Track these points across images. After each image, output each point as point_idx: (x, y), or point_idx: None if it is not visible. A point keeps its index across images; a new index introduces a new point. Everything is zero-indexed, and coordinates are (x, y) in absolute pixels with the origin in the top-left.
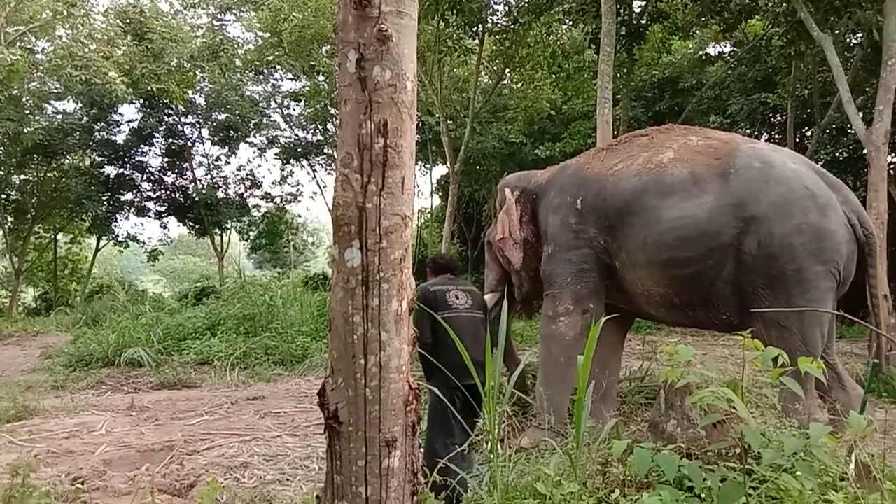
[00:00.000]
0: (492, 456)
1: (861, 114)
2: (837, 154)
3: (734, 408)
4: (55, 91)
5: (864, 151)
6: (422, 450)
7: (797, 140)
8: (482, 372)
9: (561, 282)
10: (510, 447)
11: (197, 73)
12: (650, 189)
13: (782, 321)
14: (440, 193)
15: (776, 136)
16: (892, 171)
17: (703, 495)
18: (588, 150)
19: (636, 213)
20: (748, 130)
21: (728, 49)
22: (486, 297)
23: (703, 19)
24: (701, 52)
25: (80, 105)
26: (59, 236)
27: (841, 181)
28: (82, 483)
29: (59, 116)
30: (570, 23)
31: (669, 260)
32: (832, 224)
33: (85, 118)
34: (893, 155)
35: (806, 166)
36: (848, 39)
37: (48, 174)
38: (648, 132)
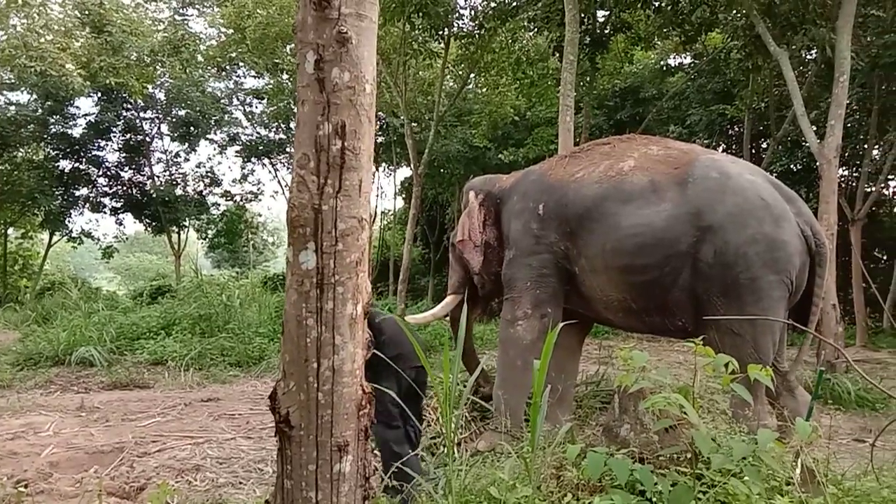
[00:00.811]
0: (448, 459)
1: (814, 127)
2: (792, 166)
3: (686, 413)
4: (8, 81)
5: (817, 164)
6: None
7: (753, 151)
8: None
9: (520, 286)
10: (467, 451)
11: (157, 67)
12: (610, 196)
13: (735, 329)
14: (404, 195)
15: (733, 147)
16: (842, 184)
17: (654, 499)
18: (550, 156)
19: (596, 219)
20: (706, 141)
21: (688, 61)
22: (448, 298)
23: (664, 31)
24: (662, 63)
25: (34, 97)
26: (10, 231)
27: (795, 193)
28: (26, 486)
29: (13, 108)
30: (535, 30)
31: (628, 266)
32: (786, 235)
33: (40, 110)
34: (844, 168)
35: (762, 178)
36: (803, 55)
37: (0, 167)
38: (610, 141)
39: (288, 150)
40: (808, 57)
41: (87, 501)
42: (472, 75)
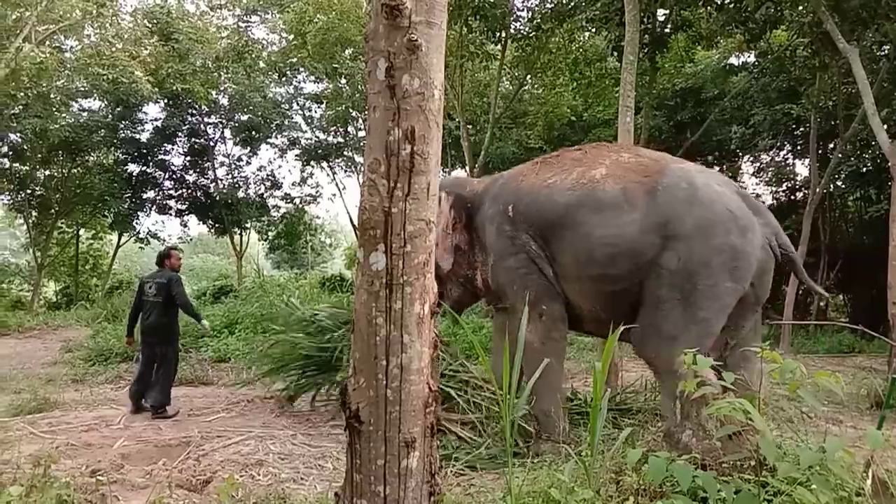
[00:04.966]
0: (507, 461)
1: (886, 126)
2: (861, 166)
3: (750, 419)
4: (82, 89)
5: (889, 164)
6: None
7: (820, 151)
8: (156, 333)
9: (510, 291)
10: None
11: (221, 73)
12: (584, 204)
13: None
14: None
15: (799, 147)
16: None
17: None
18: None
19: (569, 227)
20: (771, 141)
21: (752, 59)
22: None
23: (727, 29)
24: (724, 62)
25: (105, 103)
26: (82, 232)
27: (762, 205)
28: (101, 475)
29: (85, 114)
30: (593, 30)
31: (601, 276)
32: (749, 246)
33: (110, 116)
34: None
35: (730, 189)
36: (874, 51)
37: (73, 171)
38: (581, 148)
39: (346, 153)
40: (880, 53)
41: (157, 492)
42: (528, 76)
